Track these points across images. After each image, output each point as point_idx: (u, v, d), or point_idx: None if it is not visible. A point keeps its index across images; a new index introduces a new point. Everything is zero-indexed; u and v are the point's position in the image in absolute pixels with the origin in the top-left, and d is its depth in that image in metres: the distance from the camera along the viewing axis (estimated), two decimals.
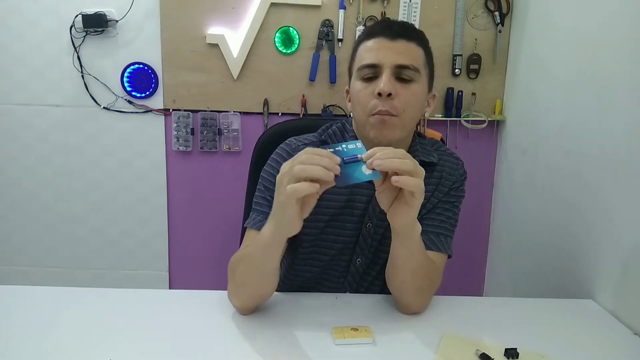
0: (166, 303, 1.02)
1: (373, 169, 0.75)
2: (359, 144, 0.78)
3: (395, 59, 0.94)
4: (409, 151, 1.04)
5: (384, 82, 0.93)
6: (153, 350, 0.84)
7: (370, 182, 0.80)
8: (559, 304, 1.13)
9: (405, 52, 0.95)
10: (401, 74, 0.95)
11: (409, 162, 0.77)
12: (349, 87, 1.04)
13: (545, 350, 0.87)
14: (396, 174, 0.77)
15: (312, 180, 0.73)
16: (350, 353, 0.85)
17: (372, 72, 0.96)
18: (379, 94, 0.93)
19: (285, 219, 0.78)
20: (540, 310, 1.06)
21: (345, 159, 0.76)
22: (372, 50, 0.96)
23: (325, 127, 1.09)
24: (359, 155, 0.76)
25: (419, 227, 0.88)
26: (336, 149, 0.77)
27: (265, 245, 0.85)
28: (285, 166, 0.77)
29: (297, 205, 0.76)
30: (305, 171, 0.73)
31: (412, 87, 0.96)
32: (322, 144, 1.06)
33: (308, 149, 0.76)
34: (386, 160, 0.75)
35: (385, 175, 0.78)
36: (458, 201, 1.08)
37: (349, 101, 1.04)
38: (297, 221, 0.78)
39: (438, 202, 1.06)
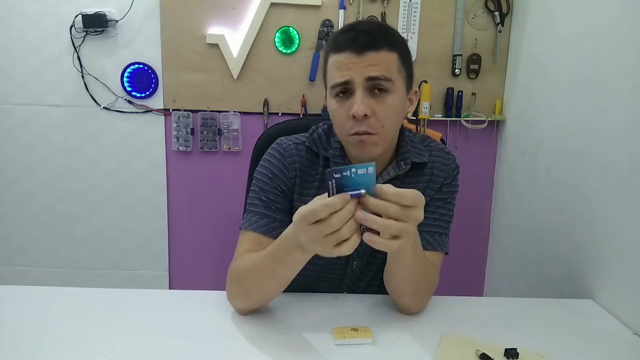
0: (166, 303, 1.02)
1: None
2: (371, 169, 0.75)
3: (365, 72, 0.91)
4: (398, 152, 1.03)
5: (357, 103, 0.90)
6: (153, 350, 0.84)
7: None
8: (559, 304, 1.13)
9: (375, 63, 0.91)
10: (374, 86, 0.92)
11: (393, 227, 0.74)
12: (326, 99, 1.00)
13: (545, 350, 0.87)
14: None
15: None
16: (350, 353, 0.85)
17: (345, 89, 0.93)
18: (354, 117, 0.91)
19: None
20: (540, 310, 1.06)
21: (350, 194, 0.74)
22: (341, 68, 0.92)
23: (313, 127, 1.08)
24: (362, 192, 0.74)
25: (409, 245, 0.86)
26: (343, 174, 0.74)
27: (299, 263, 0.84)
28: (310, 227, 0.74)
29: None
30: (342, 237, 0.73)
31: (387, 100, 0.93)
32: (309, 147, 1.04)
33: (318, 206, 0.73)
34: (367, 216, 0.74)
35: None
36: (451, 197, 1.07)
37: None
38: None
39: (430, 200, 1.05)
